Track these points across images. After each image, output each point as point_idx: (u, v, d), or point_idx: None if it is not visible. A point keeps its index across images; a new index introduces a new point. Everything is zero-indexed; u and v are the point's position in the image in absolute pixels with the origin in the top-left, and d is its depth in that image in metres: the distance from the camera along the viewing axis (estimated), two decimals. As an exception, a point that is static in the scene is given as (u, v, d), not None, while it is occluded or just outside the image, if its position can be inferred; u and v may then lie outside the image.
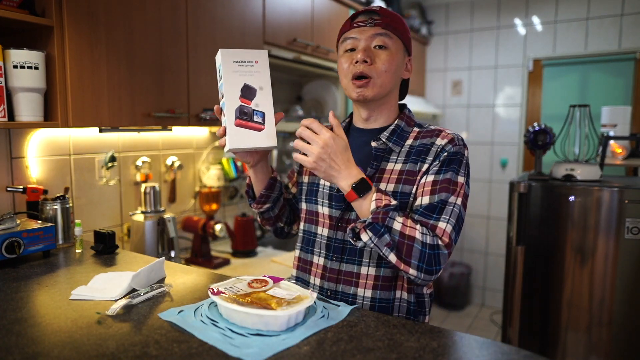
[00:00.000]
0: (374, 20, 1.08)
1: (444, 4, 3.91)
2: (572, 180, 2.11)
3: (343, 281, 1.10)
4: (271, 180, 1.17)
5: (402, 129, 1.12)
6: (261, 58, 1.05)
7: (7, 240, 1.32)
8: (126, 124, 1.63)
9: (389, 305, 1.08)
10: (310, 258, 1.17)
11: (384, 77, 1.08)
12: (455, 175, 1.04)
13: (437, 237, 0.97)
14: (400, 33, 1.10)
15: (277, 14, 2.23)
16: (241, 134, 1.01)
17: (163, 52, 1.72)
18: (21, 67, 1.37)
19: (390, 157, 1.10)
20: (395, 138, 1.11)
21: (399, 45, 1.10)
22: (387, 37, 1.08)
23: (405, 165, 1.08)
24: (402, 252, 0.94)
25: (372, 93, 1.08)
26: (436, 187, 1.02)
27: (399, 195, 1.05)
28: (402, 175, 1.07)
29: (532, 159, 3.67)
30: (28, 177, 1.67)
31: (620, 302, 1.97)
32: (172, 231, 1.89)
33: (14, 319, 0.96)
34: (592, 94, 3.44)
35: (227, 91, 1.01)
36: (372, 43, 1.08)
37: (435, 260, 0.96)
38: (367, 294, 1.08)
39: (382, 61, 1.07)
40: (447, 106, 4.01)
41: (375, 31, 1.07)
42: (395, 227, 0.95)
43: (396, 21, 1.10)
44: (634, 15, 3.21)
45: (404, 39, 1.11)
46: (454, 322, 3.59)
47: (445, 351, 0.82)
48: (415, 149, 1.09)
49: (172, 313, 0.97)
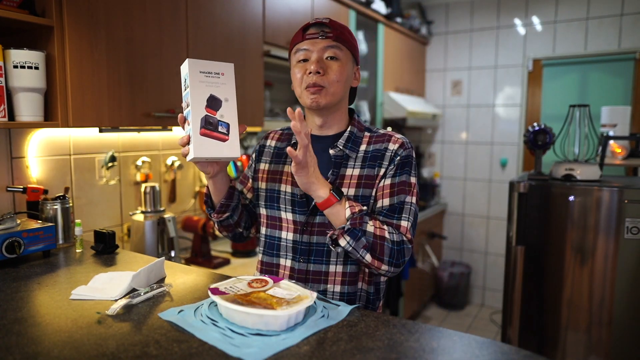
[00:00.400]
0: (325, 32, 1.13)
1: (444, 4, 3.91)
2: (572, 180, 2.11)
3: (312, 280, 1.17)
4: (230, 190, 1.20)
5: (355, 135, 1.20)
6: (227, 71, 1.09)
7: (7, 240, 1.32)
8: (126, 124, 1.63)
9: (354, 297, 1.17)
10: (277, 261, 1.22)
11: (336, 87, 1.14)
12: (409, 176, 1.15)
13: (402, 234, 1.09)
14: (349, 45, 1.16)
15: (277, 14, 2.23)
16: (206, 143, 1.03)
17: (163, 52, 1.72)
18: (21, 67, 1.37)
19: (348, 163, 1.17)
20: (350, 145, 1.18)
21: (348, 56, 1.16)
22: (338, 49, 1.14)
23: (363, 170, 1.16)
24: (376, 251, 1.05)
25: (325, 101, 1.14)
26: (394, 190, 1.13)
27: (360, 199, 1.14)
28: (361, 180, 1.15)
29: (532, 159, 3.67)
30: (28, 177, 1.67)
31: (620, 302, 1.97)
32: (172, 231, 1.89)
33: (14, 318, 0.96)
34: (592, 94, 3.44)
35: (193, 100, 1.03)
36: (324, 54, 1.14)
37: (401, 255, 1.08)
38: (336, 289, 1.16)
39: (334, 72, 1.13)
40: (447, 106, 4.01)
41: (327, 43, 1.13)
42: (369, 230, 1.05)
43: (345, 33, 1.16)
44: (633, 15, 3.21)
45: (352, 51, 1.17)
46: (454, 322, 3.59)
47: (445, 351, 0.82)
48: (370, 154, 1.17)
49: (172, 313, 0.97)
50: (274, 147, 1.30)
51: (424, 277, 3.66)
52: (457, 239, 4.04)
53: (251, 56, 2.10)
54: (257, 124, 2.20)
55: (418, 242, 3.46)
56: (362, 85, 3.28)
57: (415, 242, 3.37)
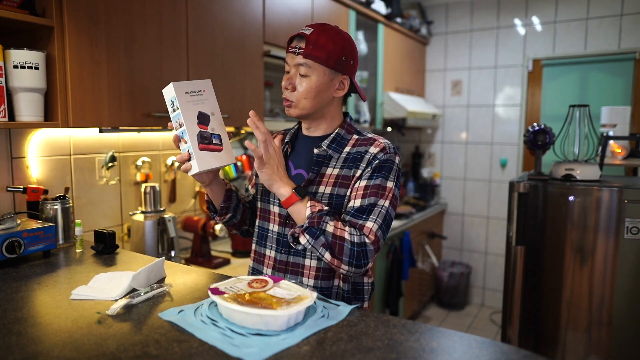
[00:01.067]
0: (298, 49, 1.16)
1: (443, 4, 3.91)
2: (572, 180, 2.11)
3: (290, 271, 1.21)
4: (227, 192, 1.30)
5: (342, 137, 1.23)
6: (207, 87, 1.17)
7: (8, 240, 1.32)
8: (126, 124, 1.63)
9: (329, 292, 1.20)
10: (264, 251, 1.28)
11: (304, 103, 1.18)
12: (385, 180, 1.16)
13: (364, 236, 1.10)
14: (324, 60, 1.15)
15: (277, 14, 2.23)
16: (206, 157, 1.13)
17: (163, 52, 1.72)
18: (21, 67, 1.38)
19: (330, 162, 1.21)
20: (335, 145, 1.22)
21: (320, 71, 1.17)
22: (307, 66, 1.16)
23: (342, 170, 1.19)
24: (334, 251, 1.07)
25: (295, 114, 1.20)
26: (367, 192, 1.14)
27: (335, 197, 1.17)
28: (338, 180, 1.18)
29: (531, 159, 3.67)
30: (28, 177, 1.67)
31: (620, 302, 1.97)
32: (172, 231, 1.89)
33: (14, 318, 0.96)
34: (592, 94, 3.44)
35: (186, 120, 1.12)
36: (297, 71, 1.17)
37: (363, 256, 1.09)
38: (310, 283, 1.19)
39: (302, 88, 1.17)
40: (447, 106, 4.01)
41: (298, 60, 1.16)
42: (328, 230, 1.08)
43: (320, 49, 1.15)
44: (633, 15, 3.21)
45: (328, 64, 1.16)
46: (454, 322, 3.59)
47: (445, 351, 0.82)
48: (351, 156, 1.20)
49: (172, 313, 0.97)
50: None
51: (424, 277, 3.66)
52: (457, 239, 4.04)
53: (251, 56, 2.10)
54: (257, 124, 2.20)
55: (418, 242, 3.46)
56: (362, 85, 3.27)
57: (415, 242, 3.38)
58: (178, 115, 1.13)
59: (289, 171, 1.26)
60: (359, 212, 1.13)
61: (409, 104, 3.40)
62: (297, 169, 1.26)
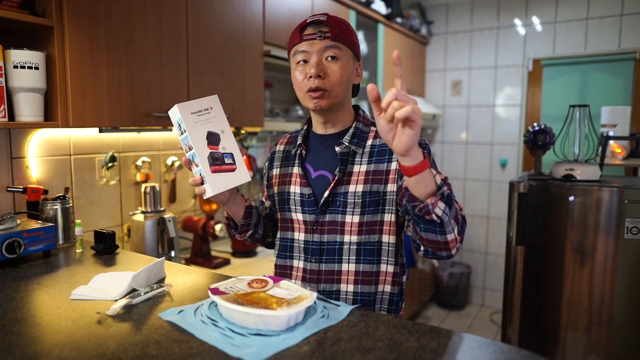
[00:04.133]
0: (323, 33, 1.09)
1: (444, 4, 3.91)
2: (572, 180, 2.11)
3: (324, 280, 1.15)
4: (247, 209, 1.23)
5: (361, 130, 1.17)
6: (214, 103, 1.11)
7: (8, 240, 1.32)
8: (126, 124, 1.63)
9: (371, 299, 1.13)
10: (290, 263, 1.22)
11: (338, 89, 1.11)
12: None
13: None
14: (349, 43, 1.12)
15: (277, 14, 2.23)
16: (219, 179, 1.08)
17: (163, 52, 1.72)
18: (21, 67, 1.37)
19: (355, 159, 1.14)
20: (356, 140, 1.15)
21: (348, 54, 1.12)
22: (337, 48, 1.10)
23: (371, 165, 1.13)
24: (459, 225, 0.97)
25: (328, 103, 1.11)
26: None
27: (369, 195, 1.11)
28: (369, 176, 1.12)
29: (531, 159, 3.67)
30: (28, 177, 1.67)
31: (620, 302, 1.97)
32: (172, 231, 1.89)
33: (14, 318, 0.96)
34: (592, 94, 3.44)
35: (195, 142, 1.07)
36: (323, 56, 1.10)
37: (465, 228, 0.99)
38: (349, 289, 1.13)
39: (335, 73, 1.10)
40: (447, 106, 4.01)
41: (326, 44, 1.09)
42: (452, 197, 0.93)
43: (344, 30, 1.11)
44: (633, 15, 3.21)
45: (352, 47, 1.13)
46: (454, 322, 3.59)
47: (445, 351, 0.82)
48: (377, 149, 1.14)
49: (172, 313, 0.97)
50: (283, 151, 1.29)
51: (424, 277, 3.66)
52: (457, 239, 4.04)
53: (251, 56, 2.10)
54: (257, 124, 2.20)
55: (418, 242, 3.46)
56: (362, 85, 3.28)
57: (415, 242, 3.37)
58: (186, 138, 1.07)
59: (308, 175, 1.19)
60: None
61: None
62: (318, 170, 1.19)
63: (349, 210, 1.13)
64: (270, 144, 2.82)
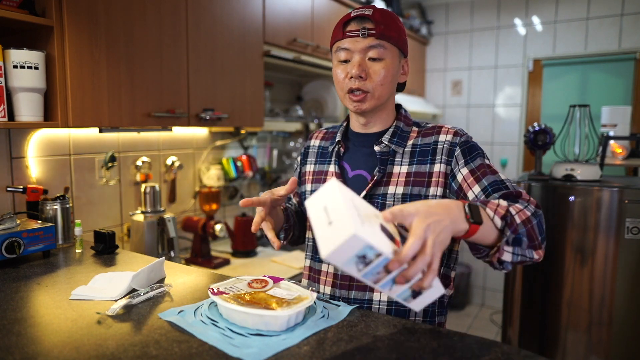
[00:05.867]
0: (367, 30, 1.02)
1: (444, 4, 3.91)
2: (572, 180, 2.10)
3: (356, 287, 1.08)
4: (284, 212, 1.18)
5: (402, 130, 1.11)
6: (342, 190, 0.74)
7: (7, 240, 1.32)
8: (126, 124, 1.63)
9: (405, 308, 1.05)
10: (319, 267, 1.16)
11: (380, 90, 1.05)
12: (483, 159, 1.03)
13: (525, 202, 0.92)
14: (396, 40, 1.04)
15: (277, 14, 2.23)
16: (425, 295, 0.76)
17: (163, 52, 1.72)
18: (21, 67, 1.37)
19: (395, 159, 1.08)
20: (396, 140, 1.09)
21: (394, 52, 1.05)
22: (382, 47, 1.03)
23: (412, 167, 1.06)
24: (534, 238, 0.88)
25: (370, 106, 1.06)
26: (477, 175, 1.00)
27: (410, 198, 1.04)
28: (410, 178, 1.05)
29: (532, 159, 3.67)
30: (28, 177, 1.67)
31: (620, 302, 1.97)
32: (172, 231, 1.88)
33: (14, 319, 0.96)
34: (592, 94, 3.44)
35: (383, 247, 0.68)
36: (366, 55, 1.04)
37: (543, 222, 0.91)
38: (382, 298, 1.06)
39: (378, 74, 1.04)
40: (447, 106, 4.01)
41: (369, 42, 1.02)
42: (518, 221, 0.85)
43: (390, 26, 1.04)
44: (634, 15, 3.21)
45: (399, 45, 1.06)
46: (454, 322, 3.59)
47: (445, 351, 0.82)
48: (418, 149, 1.07)
49: (172, 313, 0.97)
50: (318, 147, 1.24)
51: (424, 277, 3.65)
52: (457, 239, 4.04)
53: (251, 56, 2.10)
54: (257, 124, 2.20)
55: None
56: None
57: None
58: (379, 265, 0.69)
59: (345, 173, 1.14)
60: (495, 191, 0.96)
61: (409, 104, 3.40)
62: (355, 170, 1.13)
63: None
64: (271, 143, 2.82)
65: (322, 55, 2.53)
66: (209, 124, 1.93)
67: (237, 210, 2.55)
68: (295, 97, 3.06)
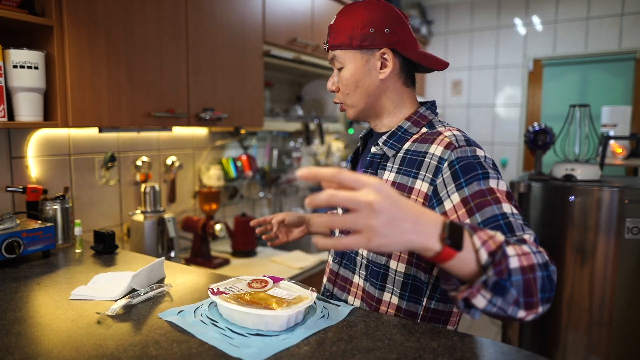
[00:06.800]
0: (326, 43, 1.04)
1: (444, 4, 3.91)
2: (572, 180, 2.10)
3: (339, 286, 1.09)
4: None
5: (405, 131, 1.01)
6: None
7: (7, 240, 1.32)
8: (126, 124, 1.63)
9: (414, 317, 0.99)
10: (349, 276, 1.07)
11: (351, 98, 1.03)
12: (482, 182, 0.84)
13: (541, 253, 0.72)
14: (347, 44, 0.98)
15: (277, 14, 2.23)
16: None
17: (163, 52, 1.72)
18: (21, 67, 1.37)
19: (387, 164, 1.01)
20: (392, 142, 1.00)
21: (353, 56, 1.00)
22: (336, 58, 1.02)
23: (398, 176, 0.96)
24: (531, 296, 0.67)
25: (352, 114, 1.06)
26: (471, 206, 0.82)
27: None
28: (394, 187, 0.95)
29: (532, 159, 3.67)
30: (28, 177, 1.67)
31: (620, 302, 1.97)
32: (172, 231, 1.88)
33: (14, 319, 0.96)
34: (592, 94, 3.44)
35: None
36: (335, 67, 1.04)
37: (554, 278, 0.71)
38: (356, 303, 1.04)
39: (341, 85, 1.03)
40: (447, 106, 4.01)
41: (330, 56, 1.04)
42: (513, 266, 0.66)
43: (339, 33, 0.99)
44: (634, 15, 3.21)
45: (354, 44, 0.98)
46: (454, 322, 3.58)
47: (445, 351, 0.82)
48: (408, 156, 0.97)
49: (171, 313, 0.97)
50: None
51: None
52: (457, 239, 4.04)
53: (251, 56, 2.10)
54: (257, 124, 2.20)
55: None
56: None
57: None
58: None
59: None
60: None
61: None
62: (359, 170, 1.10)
63: None
64: (271, 143, 2.82)
65: (322, 55, 2.53)
66: (208, 123, 1.93)
67: (237, 210, 2.55)
68: (295, 97, 3.06)
